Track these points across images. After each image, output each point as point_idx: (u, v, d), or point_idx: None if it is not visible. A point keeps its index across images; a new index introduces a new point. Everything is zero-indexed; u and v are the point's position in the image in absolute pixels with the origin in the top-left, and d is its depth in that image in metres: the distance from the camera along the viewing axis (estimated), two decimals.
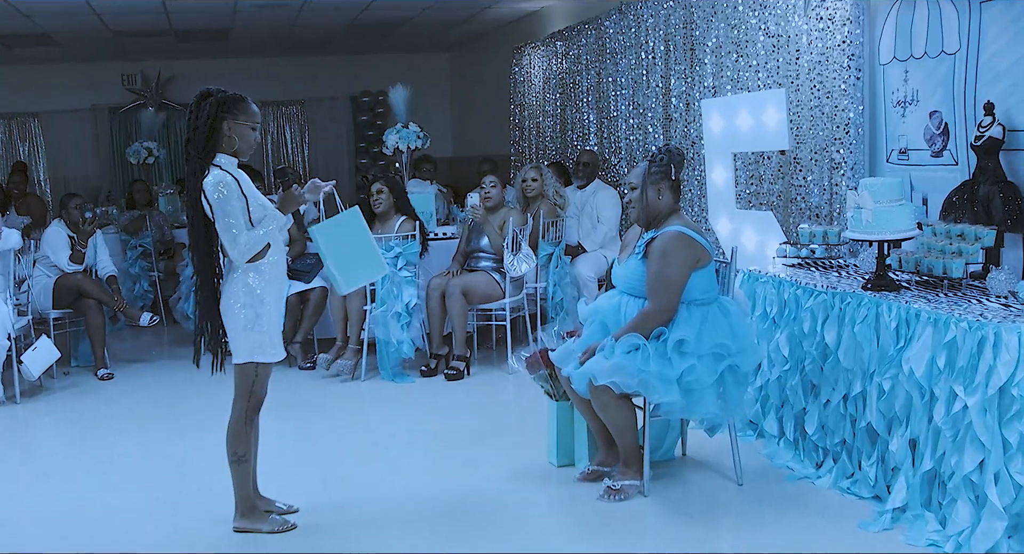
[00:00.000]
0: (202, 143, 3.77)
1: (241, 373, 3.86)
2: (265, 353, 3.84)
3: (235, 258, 3.75)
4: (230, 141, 3.80)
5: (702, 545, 3.76)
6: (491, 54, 12.14)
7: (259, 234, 3.75)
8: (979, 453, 3.46)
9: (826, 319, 4.30)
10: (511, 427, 5.51)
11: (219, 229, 3.73)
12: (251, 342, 3.80)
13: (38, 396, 6.52)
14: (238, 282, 3.79)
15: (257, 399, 3.88)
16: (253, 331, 3.79)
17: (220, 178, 3.72)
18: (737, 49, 6.20)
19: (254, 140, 3.86)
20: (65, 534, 4.07)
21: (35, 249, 7.09)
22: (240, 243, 3.71)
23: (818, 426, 4.43)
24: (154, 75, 13.39)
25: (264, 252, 3.80)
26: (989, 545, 3.42)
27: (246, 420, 3.88)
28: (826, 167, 5.48)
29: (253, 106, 3.86)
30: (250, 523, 3.95)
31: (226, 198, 3.69)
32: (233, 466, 3.91)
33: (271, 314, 3.84)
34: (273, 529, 3.95)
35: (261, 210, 3.81)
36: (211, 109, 3.77)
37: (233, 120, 3.79)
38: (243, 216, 3.73)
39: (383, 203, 6.82)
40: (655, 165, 4.26)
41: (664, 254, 4.14)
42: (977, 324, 3.50)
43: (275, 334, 3.88)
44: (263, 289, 3.80)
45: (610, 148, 8.34)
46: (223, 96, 3.79)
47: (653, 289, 4.14)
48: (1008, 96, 4.34)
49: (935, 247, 4.23)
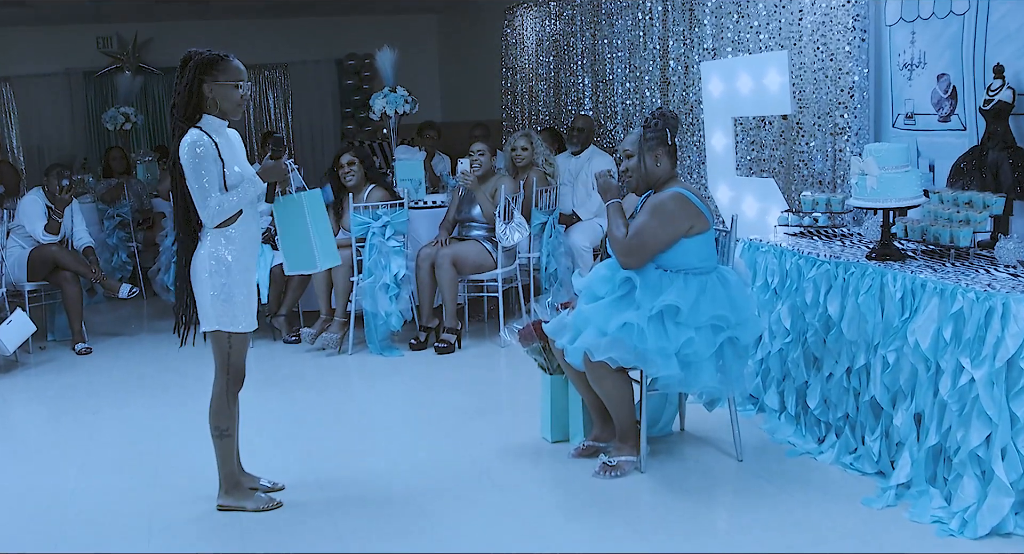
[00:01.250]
0: (184, 108, 3.76)
1: (215, 342, 3.86)
2: (235, 322, 3.82)
3: (205, 220, 3.75)
4: (213, 103, 3.78)
5: (700, 522, 3.77)
6: (482, 15, 12.05)
7: (232, 199, 3.74)
8: (986, 427, 3.47)
9: (829, 290, 4.30)
10: (503, 402, 5.52)
11: (190, 189, 3.72)
12: (218, 311, 3.80)
13: (13, 371, 6.50)
14: (206, 249, 3.79)
15: (237, 371, 3.88)
16: (220, 299, 3.78)
17: (197, 138, 3.70)
18: (738, 9, 6.16)
19: (240, 97, 3.82)
20: (42, 514, 4.07)
21: (9, 219, 7.04)
22: (211, 205, 3.70)
23: (820, 400, 4.44)
24: (131, 37, 13.26)
25: (235, 218, 3.79)
26: (995, 522, 3.44)
27: (227, 393, 3.88)
28: (829, 132, 5.47)
29: (235, 62, 3.82)
30: (235, 500, 3.96)
31: (200, 158, 3.68)
32: (216, 442, 3.92)
33: (240, 283, 3.82)
34: (258, 507, 3.95)
35: (238, 176, 3.79)
36: (191, 72, 3.75)
37: (213, 81, 3.76)
38: (217, 179, 3.72)
39: (356, 175, 6.77)
40: (650, 131, 4.24)
41: (655, 208, 4.13)
42: (985, 294, 3.50)
43: (246, 304, 3.86)
44: (233, 257, 3.80)
45: (605, 113, 8.31)
46: (201, 57, 3.76)
47: (631, 236, 4.12)
48: (1018, 58, 4.32)
49: (942, 215, 4.22)
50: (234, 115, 3.85)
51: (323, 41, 13.79)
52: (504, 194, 6.60)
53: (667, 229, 4.11)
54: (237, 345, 3.87)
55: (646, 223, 4.13)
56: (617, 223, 4.21)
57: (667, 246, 4.12)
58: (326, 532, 3.79)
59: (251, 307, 3.91)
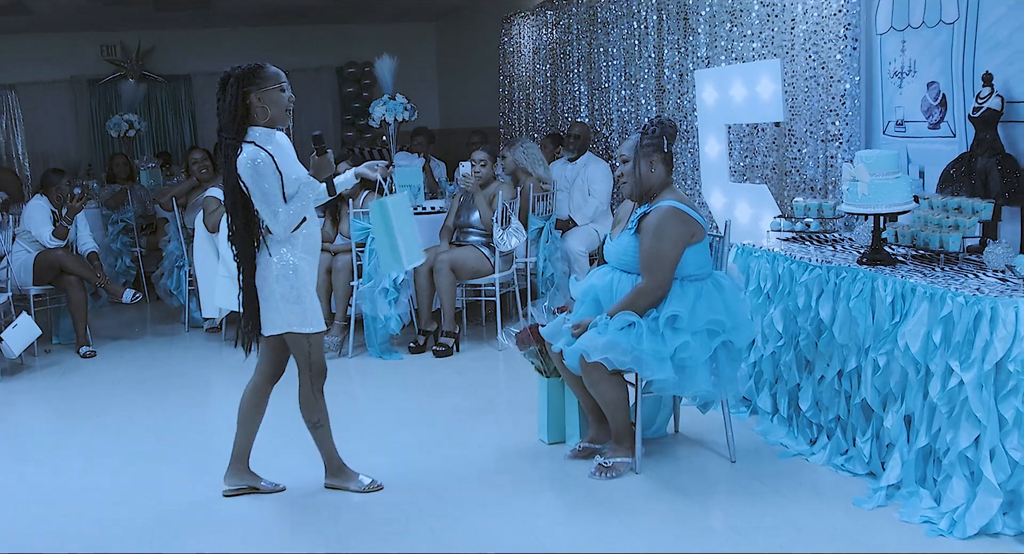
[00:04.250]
0: (232, 125, 3.75)
1: (294, 344, 3.92)
2: (306, 323, 3.87)
3: (278, 232, 3.79)
4: (263, 111, 3.79)
5: (694, 522, 3.78)
6: (480, 24, 12.07)
7: (299, 206, 3.78)
8: (975, 429, 3.48)
9: (821, 294, 4.31)
10: (501, 404, 5.52)
11: (257, 205, 3.76)
12: (289, 313, 3.85)
13: (19, 374, 6.50)
14: (274, 254, 3.83)
15: (319, 368, 3.98)
16: (290, 302, 3.83)
17: (254, 155, 3.72)
18: (731, 18, 6.17)
19: (288, 100, 3.84)
20: (46, 514, 4.07)
21: (14, 225, 7.05)
22: (281, 217, 3.75)
23: (812, 402, 4.45)
24: (134, 46, 13.28)
25: (300, 224, 3.83)
26: (984, 522, 3.44)
27: (313, 389, 3.99)
28: (821, 139, 5.48)
29: (272, 68, 3.84)
30: (340, 482, 4.16)
31: (261, 173, 3.71)
32: (312, 433, 4.11)
33: (308, 285, 3.89)
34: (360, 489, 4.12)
35: (295, 184, 3.80)
36: (234, 87, 3.75)
37: (258, 89, 3.77)
38: (280, 191, 3.75)
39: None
40: (647, 137, 4.24)
41: (658, 230, 4.13)
42: (974, 299, 3.51)
43: (314, 305, 3.92)
44: (300, 260, 3.85)
45: (601, 120, 8.32)
46: (239, 71, 3.78)
47: (647, 266, 4.13)
48: (1007, 66, 4.33)
49: (932, 221, 4.23)
50: (283, 121, 3.86)
51: (323, 49, 13.82)
52: (502, 200, 6.61)
53: (675, 244, 4.11)
54: (316, 344, 3.93)
55: (654, 246, 4.12)
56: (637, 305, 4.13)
57: (680, 257, 4.13)
58: (326, 532, 3.79)
59: (319, 308, 3.96)
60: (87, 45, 13.14)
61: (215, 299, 6.82)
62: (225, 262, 6.72)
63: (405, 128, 8.42)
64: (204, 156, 7.85)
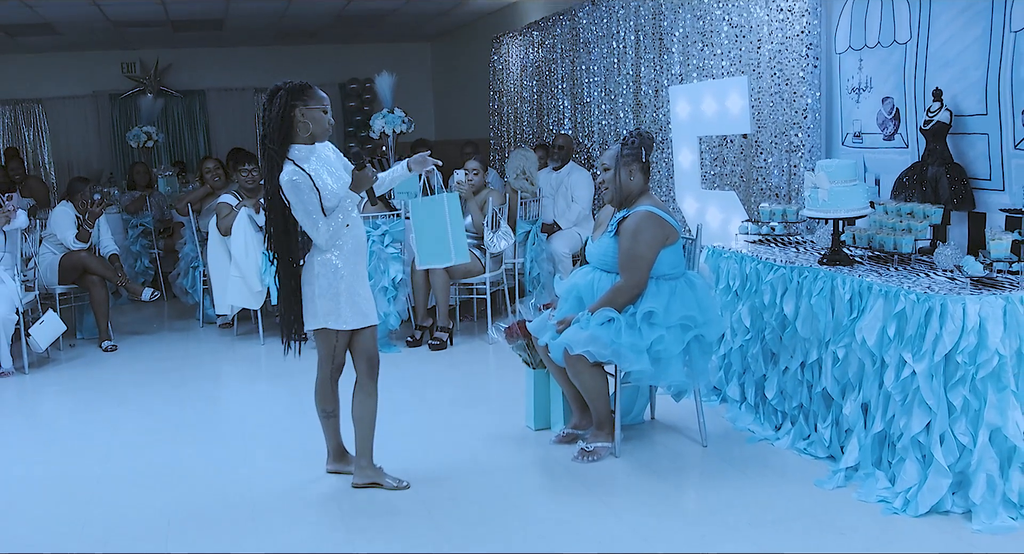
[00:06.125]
0: (277, 134, 3.72)
1: (322, 338, 3.87)
2: (340, 320, 3.80)
3: (321, 244, 3.75)
4: (304, 126, 3.75)
5: (669, 501, 3.78)
6: (471, 43, 12.06)
7: (339, 219, 3.73)
8: (926, 416, 3.49)
9: (785, 292, 4.31)
10: (491, 394, 5.52)
11: (299, 220, 3.74)
12: (325, 308, 3.79)
13: (45, 367, 6.47)
14: (318, 256, 3.79)
15: (339, 363, 3.93)
16: (326, 297, 3.78)
17: (292, 174, 3.69)
18: (703, 39, 6.18)
19: (328, 123, 3.82)
20: (70, 500, 4.04)
21: (40, 228, 7.02)
22: (321, 232, 3.71)
23: (777, 391, 4.45)
24: (152, 63, 13.22)
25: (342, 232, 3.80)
26: (934, 501, 3.45)
27: (330, 380, 3.96)
28: (785, 150, 5.48)
29: (320, 91, 3.82)
30: (343, 467, 4.11)
31: (300, 190, 3.67)
32: (323, 421, 4.07)
33: (347, 284, 3.80)
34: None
35: (334, 198, 3.76)
36: (282, 100, 3.72)
37: (304, 106, 3.74)
38: (318, 206, 3.71)
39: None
40: (627, 148, 4.24)
41: (635, 232, 4.13)
42: (925, 296, 3.52)
43: (350, 303, 3.81)
44: (341, 262, 3.79)
45: (583, 132, 8.32)
46: (291, 85, 3.75)
47: (624, 265, 4.13)
48: (955, 83, 4.34)
49: (886, 224, 4.24)
50: (321, 139, 3.84)
51: (328, 66, 13.78)
52: (492, 206, 6.60)
53: (651, 246, 4.11)
54: (342, 341, 3.86)
55: (631, 247, 4.11)
56: (616, 303, 4.12)
57: (655, 257, 4.12)
58: (329, 509, 3.79)
59: (358, 306, 3.83)
60: (109, 62, 13.09)
61: (227, 297, 6.81)
62: (236, 263, 6.71)
63: (404, 139, 8.41)
64: (217, 165, 7.83)
